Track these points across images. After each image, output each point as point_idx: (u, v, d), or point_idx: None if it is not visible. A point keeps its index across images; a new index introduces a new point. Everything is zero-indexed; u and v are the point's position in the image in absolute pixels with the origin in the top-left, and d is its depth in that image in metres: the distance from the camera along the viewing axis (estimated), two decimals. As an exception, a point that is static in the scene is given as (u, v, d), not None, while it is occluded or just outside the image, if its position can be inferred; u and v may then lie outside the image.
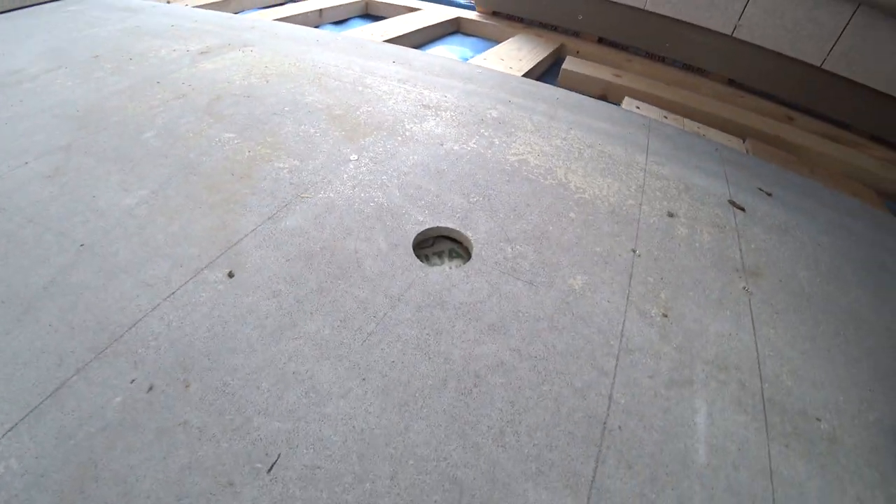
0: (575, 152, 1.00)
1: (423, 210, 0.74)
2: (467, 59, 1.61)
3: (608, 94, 1.60)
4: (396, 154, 0.88)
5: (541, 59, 1.60)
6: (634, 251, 0.77)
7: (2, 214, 0.73)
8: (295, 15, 1.71)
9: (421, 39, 1.73)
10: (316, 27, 1.79)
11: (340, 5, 1.90)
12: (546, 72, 1.72)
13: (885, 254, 0.91)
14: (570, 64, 1.62)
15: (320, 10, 1.80)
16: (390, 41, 1.55)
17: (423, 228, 0.70)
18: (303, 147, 0.88)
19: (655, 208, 0.89)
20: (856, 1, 1.36)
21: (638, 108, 1.45)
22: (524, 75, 1.46)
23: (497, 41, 1.88)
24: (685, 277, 0.74)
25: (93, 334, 0.56)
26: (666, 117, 1.45)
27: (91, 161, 0.86)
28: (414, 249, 0.69)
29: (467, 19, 1.93)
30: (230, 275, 0.64)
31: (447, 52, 1.67)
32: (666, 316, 0.66)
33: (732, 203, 1.00)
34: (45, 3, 1.85)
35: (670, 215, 0.89)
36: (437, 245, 0.71)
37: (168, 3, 1.99)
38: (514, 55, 1.58)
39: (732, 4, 1.57)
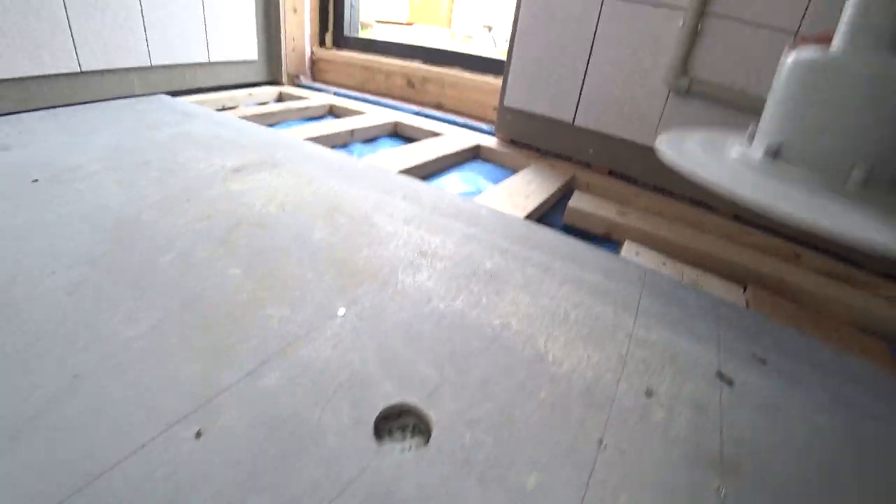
0: (561, 314, 1.03)
1: (394, 381, 0.77)
2: (481, 192, 1.72)
3: (612, 233, 1.66)
4: (383, 312, 0.93)
5: (549, 195, 1.70)
6: (601, 441, 0.76)
7: (18, 324, 0.79)
8: (328, 135, 1.89)
9: (440, 167, 1.87)
10: (345, 145, 1.96)
11: (371, 126, 2.09)
12: (556, 204, 1.81)
13: (894, 430, 0.83)
14: (575, 201, 1.70)
15: (352, 130, 1.99)
16: (409, 169, 1.68)
17: (388, 404, 0.73)
18: (297, 294, 0.95)
19: (634, 385, 0.89)
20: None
21: (637, 254, 1.50)
22: (530, 213, 1.54)
23: (513, 169, 2.01)
24: (651, 476, 0.73)
25: (63, 479, 0.59)
26: (664, 264, 1.48)
27: (109, 282, 0.94)
28: (377, 424, 0.71)
29: (486, 147, 2.09)
30: (198, 434, 0.67)
31: (461, 181, 1.79)
32: (621, 529, 0.64)
33: (720, 376, 0.99)
34: (120, 98, 2.11)
35: (648, 395, 0.88)
36: (402, 418, 0.73)
37: (222, 108, 2.23)
38: (522, 190, 1.68)
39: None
